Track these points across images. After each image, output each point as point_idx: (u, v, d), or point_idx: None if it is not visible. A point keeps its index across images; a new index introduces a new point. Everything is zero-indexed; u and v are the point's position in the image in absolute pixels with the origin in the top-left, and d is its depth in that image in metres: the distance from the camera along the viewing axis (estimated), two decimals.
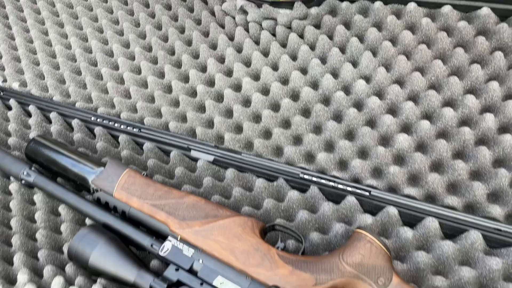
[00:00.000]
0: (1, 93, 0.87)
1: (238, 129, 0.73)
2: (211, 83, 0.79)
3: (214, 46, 0.83)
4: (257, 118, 0.73)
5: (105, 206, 0.65)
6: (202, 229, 0.58)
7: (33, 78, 0.87)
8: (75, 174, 0.68)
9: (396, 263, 0.56)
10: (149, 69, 0.83)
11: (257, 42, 0.80)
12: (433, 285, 0.54)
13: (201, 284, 0.54)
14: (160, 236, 0.60)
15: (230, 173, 0.69)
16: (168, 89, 0.81)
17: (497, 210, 0.57)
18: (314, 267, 0.54)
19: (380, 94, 0.67)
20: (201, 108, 0.77)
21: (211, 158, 0.72)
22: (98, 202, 0.66)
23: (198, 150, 0.73)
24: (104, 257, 0.58)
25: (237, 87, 0.76)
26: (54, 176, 0.71)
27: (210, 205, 0.62)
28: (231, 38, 0.82)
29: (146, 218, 0.62)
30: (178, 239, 0.59)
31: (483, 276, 0.54)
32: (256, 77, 0.76)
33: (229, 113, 0.75)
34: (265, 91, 0.74)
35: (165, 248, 0.58)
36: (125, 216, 0.63)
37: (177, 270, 0.56)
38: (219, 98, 0.77)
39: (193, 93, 0.79)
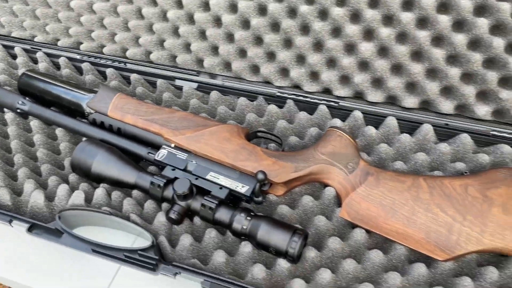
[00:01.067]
0: None
1: (215, 51, 0.78)
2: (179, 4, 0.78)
3: None
4: (230, 38, 0.76)
5: (101, 126, 0.71)
6: (194, 135, 0.65)
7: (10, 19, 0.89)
8: (69, 101, 0.73)
9: (364, 155, 0.65)
10: None
11: None
12: (394, 166, 0.63)
13: (196, 179, 0.62)
14: (154, 147, 0.67)
15: (213, 95, 0.76)
16: (141, 16, 0.81)
17: (448, 105, 0.67)
18: (293, 158, 0.62)
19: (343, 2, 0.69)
20: (176, 34, 0.79)
21: (195, 85, 0.79)
22: (93, 123, 0.71)
23: (182, 79, 0.80)
24: (106, 164, 0.64)
25: (206, 7, 0.76)
26: (47, 106, 0.75)
27: (198, 117, 0.69)
28: None
29: (140, 132, 0.68)
30: (172, 146, 0.66)
31: (434, 160, 0.64)
32: None
33: (203, 36, 0.78)
34: (233, 8, 0.75)
35: (161, 154, 0.65)
36: (120, 133, 0.70)
37: (173, 170, 0.63)
38: (191, 20, 0.78)
39: (164, 18, 0.80)
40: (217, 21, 0.76)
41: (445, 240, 0.53)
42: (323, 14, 0.68)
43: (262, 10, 0.71)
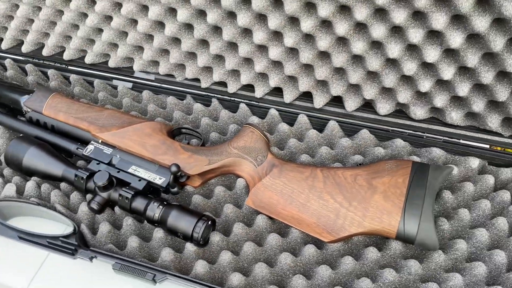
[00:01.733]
0: None
1: (140, 50, 0.83)
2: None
3: None
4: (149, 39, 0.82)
5: (37, 124, 0.76)
6: (119, 131, 0.71)
7: None
8: (10, 99, 0.78)
9: (277, 150, 0.72)
10: None
11: None
12: (300, 159, 0.70)
13: (118, 172, 0.68)
14: (84, 143, 0.72)
15: (145, 94, 0.81)
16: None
17: (353, 104, 0.74)
18: (208, 152, 0.68)
19: None
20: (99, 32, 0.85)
21: (129, 85, 0.84)
22: (30, 121, 0.76)
23: (118, 79, 0.85)
24: (35, 158, 0.69)
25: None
26: None
27: (126, 115, 0.74)
28: None
29: (71, 129, 0.74)
30: (99, 142, 0.71)
31: (339, 153, 0.71)
32: None
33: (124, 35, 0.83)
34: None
35: (89, 149, 0.71)
36: (53, 130, 0.75)
37: (98, 164, 0.69)
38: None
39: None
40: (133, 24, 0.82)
41: (332, 224, 0.60)
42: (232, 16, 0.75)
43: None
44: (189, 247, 0.61)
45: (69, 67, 0.87)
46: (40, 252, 0.66)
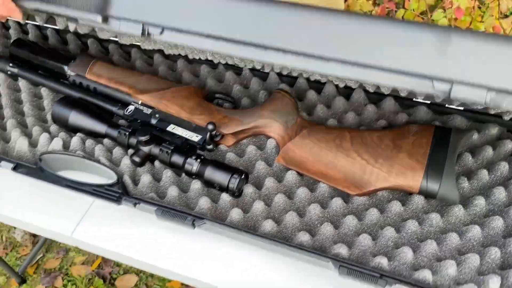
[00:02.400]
0: None
1: None
2: None
3: None
4: None
5: (79, 86, 0.81)
6: (158, 93, 0.76)
7: None
8: (53, 64, 0.84)
9: (305, 115, 0.76)
10: None
11: None
12: (327, 123, 0.74)
13: (157, 129, 0.72)
14: (124, 104, 0.77)
15: (180, 63, 0.86)
16: None
17: None
18: (242, 114, 0.73)
19: None
20: None
21: (164, 59, 0.89)
22: (73, 84, 0.82)
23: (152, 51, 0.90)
24: (80, 116, 0.74)
25: None
26: (35, 69, 0.85)
27: (163, 80, 0.79)
28: None
29: (112, 92, 0.79)
30: (139, 103, 0.76)
31: (363, 119, 0.75)
32: None
33: None
34: None
35: (129, 109, 0.76)
36: (95, 92, 0.80)
37: (138, 122, 0.74)
38: None
39: None
40: None
41: (359, 179, 0.64)
42: None
43: None
44: (225, 197, 0.65)
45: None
46: (85, 199, 0.72)
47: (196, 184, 0.67)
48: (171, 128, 0.73)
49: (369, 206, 0.64)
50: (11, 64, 0.85)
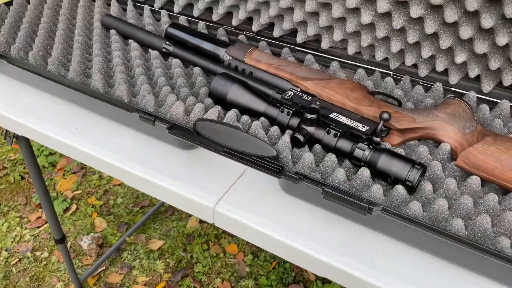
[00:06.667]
0: (134, 2, 1.05)
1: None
2: None
3: None
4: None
5: (235, 69, 0.80)
6: (320, 82, 0.73)
7: None
8: (209, 47, 0.84)
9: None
10: None
11: None
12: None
13: (319, 114, 0.68)
14: (280, 90, 0.75)
15: (334, 64, 0.84)
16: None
17: None
18: (414, 112, 0.68)
19: None
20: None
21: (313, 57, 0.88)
22: (228, 67, 0.81)
23: (302, 51, 0.89)
24: (240, 93, 0.72)
25: None
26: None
27: (323, 72, 0.77)
28: None
29: (270, 77, 0.77)
30: (298, 90, 0.74)
31: None
32: None
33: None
34: None
35: (288, 94, 0.73)
36: (251, 76, 0.79)
37: (300, 105, 0.70)
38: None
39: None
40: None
41: None
42: None
43: None
44: (400, 189, 0.58)
45: (257, 37, 0.93)
46: (234, 170, 0.67)
47: (365, 172, 0.61)
48: (334, 115, 0.69)
49: None
50: (167, 42, 0.86)
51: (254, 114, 0.71)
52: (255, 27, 0.94)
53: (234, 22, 0.96)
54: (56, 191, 1.88)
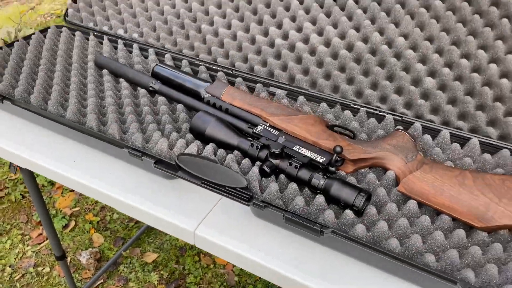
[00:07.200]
0: (124, 41, 1.16)
1: (306, 72, 1.00)
2: (285, 37, 1.05)
3: (287, 9, 1.08)
4: (320, 64, 0.99)
5: (213, 106, 0.91)
6: (286, 118, 0.84)
7: (148, 31, 1.16)
8: (191, 87, 0.95)
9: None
10: (237, 26, 1.10)
11: (321, 6, 1.05)
12: (445, 164, 0.78)
13: (284, 148, 0.79)
14: (252, 125, 0.86)
15: (300, 98, 0.95)
16: (252, 41, 1.08)
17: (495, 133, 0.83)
18: (364, 144, 0.79)
19: (414, 48, 0.93)
20: (278, 56, 1.04)
21: (285, 92, 0.99)
22: (207, 104, 0.92)
23: (275, 86, 1.00)
24: (216, 128, 0.83)
25: (306, 41, 1.02)
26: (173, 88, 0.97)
27: (290, 108, 0.88)
28: (301, 2, 1.07)
29: (243, 113, 0.88)
30: (267, 125, 0.85)
31: (479, 167, 0.78)
32: (320, 33, 1.02)
33: (299, 60, 1.01)
34: (327, 44, 1.00)
35: (258, 129, 0.84)
36: (227, 112, 0.90)
37: (267, 139, 0.81)
38: (292, 49, 1.04)
39: (271, 45, 1.06)
40: (312, 52, 0.99)
41: (483, 215, 0.67)
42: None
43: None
44: (348, 213, 0.69)
45: (234, 72, 1.04)
46: (211, 198, 0.79)
47: (320, 198, 0.72)
48: (297, 148, 0.80)
49: (492, 241, 0.66)
50: (153, 82, 0.97)
51: (229, 148, 0.82)
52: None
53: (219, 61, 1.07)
54: (56, 209, 1.99)
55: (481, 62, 0.87)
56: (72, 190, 2.08)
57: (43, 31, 1.21)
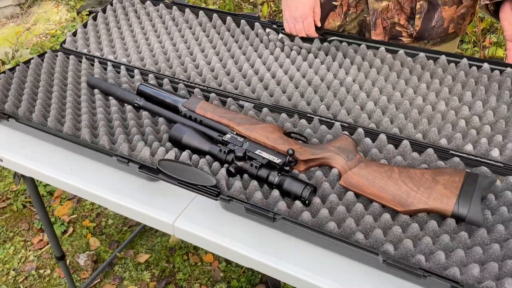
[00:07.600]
0: (113, 63, 1.32)
1: (271, 95, 1.16)
2: (252, 65, 1.23)
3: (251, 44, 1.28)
4: (284, 92, 1.16)
5: (189, 118, 1.07)
6: (249, 127, 1.00)
7: (136, 57, 1.32)
8: (170, 102, 1.11)
9: (360, 153, 0.97)
10: (212, 53, 1.27)
11: (287, 56, 1.25)
12: (380, 162, 0.94)
13: (248, 152, 0.95)
14: (222, 133, 1.01)
15: (264, 110, 1.11)
16: (224, 66, 1.24)
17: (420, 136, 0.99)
18: (313, 147, 0.95)
19: (361, 86, 1.11)
20: (248, 83, 1.20)
21: (252, 105, 1.15)
22: (184, 116, 1.08)
23: (244, 101, 1.16)
24: (191, 137, 0.99)
25: (274, 76, 1.20)
26: (155, 103, 1.13)
27: (254, 118, 1.04)
28: (272, 53, 1.28)
29: (214, 124, 1.04)
30: (234, 133, 1.00)
31: (409, 164, 0.95)
32: (281, 65, 1.20)
33: (265, 86, 1.18)
34: (291, 78, 1.18)
35: (227, 137, 1.00)
36: (201, 123, 1.05)
37: (234, 145, 0.97)
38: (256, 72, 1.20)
39: (240, 69, 1.23)
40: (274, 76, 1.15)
41: (404, 201, 0.83)
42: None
43: None
44: (297, 204, 0.85)
45: (209, 88, 1.20)
46: (188, 196, 0.94)
47: (275, 192, 0.87)
48: (258, 152, 0.96)
49: (411, 222, 0.82)
50: (138, 99, 1.13)
51: (202, 153, 0.98)
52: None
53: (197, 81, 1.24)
54: (55, 217, 2.13)
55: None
56: (69, 199, 2.23)
57: (41, 56, 1.36)
